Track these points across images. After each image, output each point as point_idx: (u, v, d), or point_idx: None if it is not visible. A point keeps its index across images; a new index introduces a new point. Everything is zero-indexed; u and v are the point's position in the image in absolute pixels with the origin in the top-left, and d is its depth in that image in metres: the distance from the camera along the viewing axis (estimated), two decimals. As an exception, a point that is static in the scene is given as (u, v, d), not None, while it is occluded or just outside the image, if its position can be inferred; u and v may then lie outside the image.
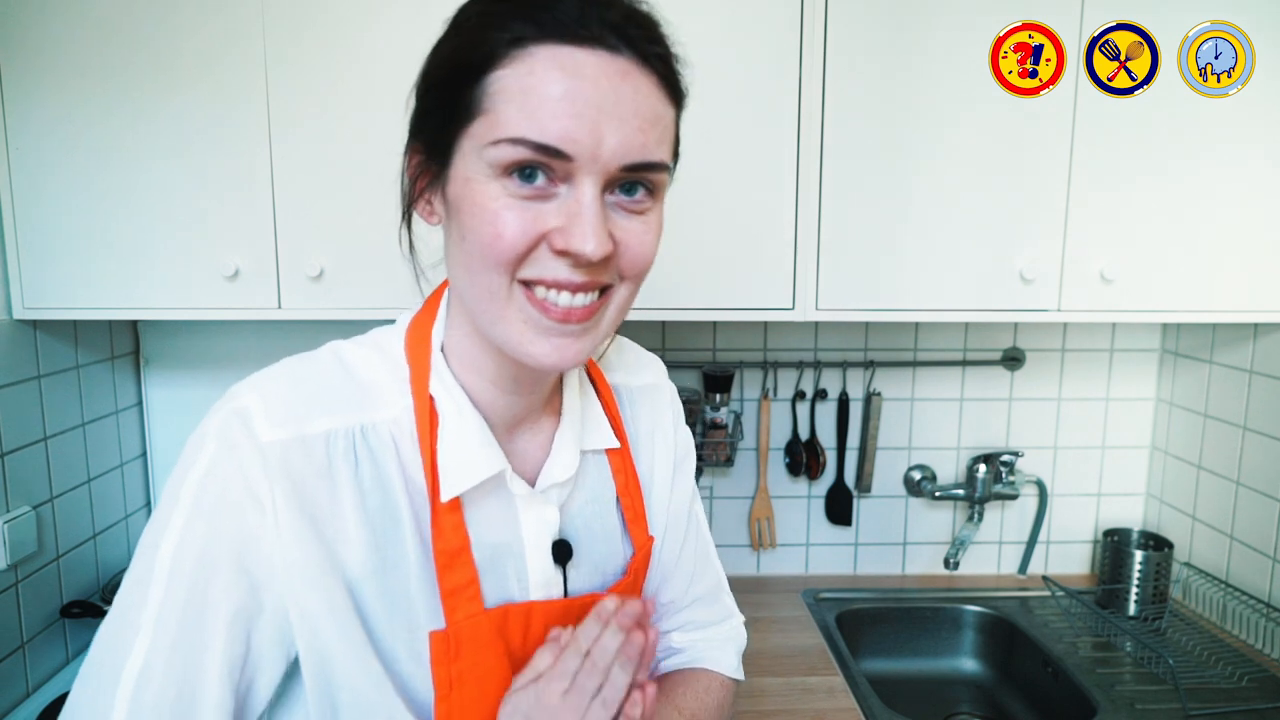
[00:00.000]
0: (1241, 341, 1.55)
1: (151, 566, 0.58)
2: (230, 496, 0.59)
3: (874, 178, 1.32)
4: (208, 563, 0.58)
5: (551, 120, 0.54)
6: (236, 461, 0.59)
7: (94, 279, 1.28)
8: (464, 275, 0.61)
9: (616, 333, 0.75)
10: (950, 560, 1.68)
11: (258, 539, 0.59)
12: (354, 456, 0.62)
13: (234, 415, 0.60)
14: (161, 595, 0.57)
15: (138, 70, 1.23)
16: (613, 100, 0.55)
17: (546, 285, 0.59)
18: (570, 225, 0.56)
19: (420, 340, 0.67)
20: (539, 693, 0.63)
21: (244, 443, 0.59)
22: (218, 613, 0.58)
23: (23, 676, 1.31)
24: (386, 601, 0.63)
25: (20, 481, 1.31)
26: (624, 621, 0.64)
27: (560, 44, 0.55)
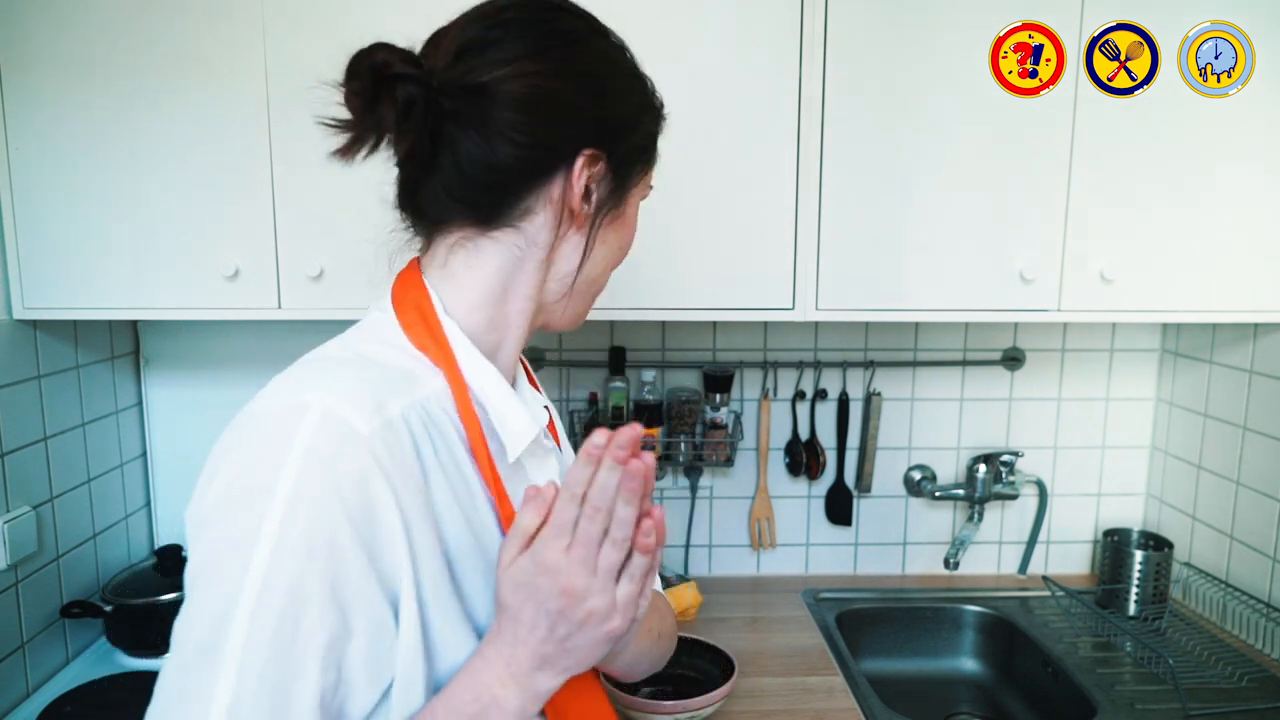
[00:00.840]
0: (1241, 341, 1.55)
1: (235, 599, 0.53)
2: (327, 516, 0.54)
3: (874, 177, 1.32)
4: (301, 595, 0.53)
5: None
6: (334, 473, 0.55)
7: (94, 279, 1.28)
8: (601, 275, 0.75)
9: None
10: (950, 560, 1.68)
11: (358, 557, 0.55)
12: (427, 432, 0.62)
13: (324, 418, 0.56)
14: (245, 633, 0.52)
15: (138, 70, 1.23)
16: None
17: None
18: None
19: (424, 322, 0.68)
20: (536, 556, 0.58)
21: (347, 444, 0.55)
22: (309, 645, 0.54)
23: (23, 676, 1.31)
24: (483, 573, 0.64)
25: (20, 481, 1.31)
26: (619, 455, 0.57)
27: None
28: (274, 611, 0.53)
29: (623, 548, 0.58)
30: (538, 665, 0.59)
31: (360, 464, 0.55)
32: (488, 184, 0.66)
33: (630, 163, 0.72)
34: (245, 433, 0.58)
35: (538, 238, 0.69)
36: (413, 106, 0.61)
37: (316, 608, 0.54)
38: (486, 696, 0.59)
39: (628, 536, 0.58)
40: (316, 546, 0.54)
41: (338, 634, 0.55)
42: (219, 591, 0.53)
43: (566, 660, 0.59)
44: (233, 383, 1.62)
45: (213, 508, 0.56)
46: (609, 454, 0.57)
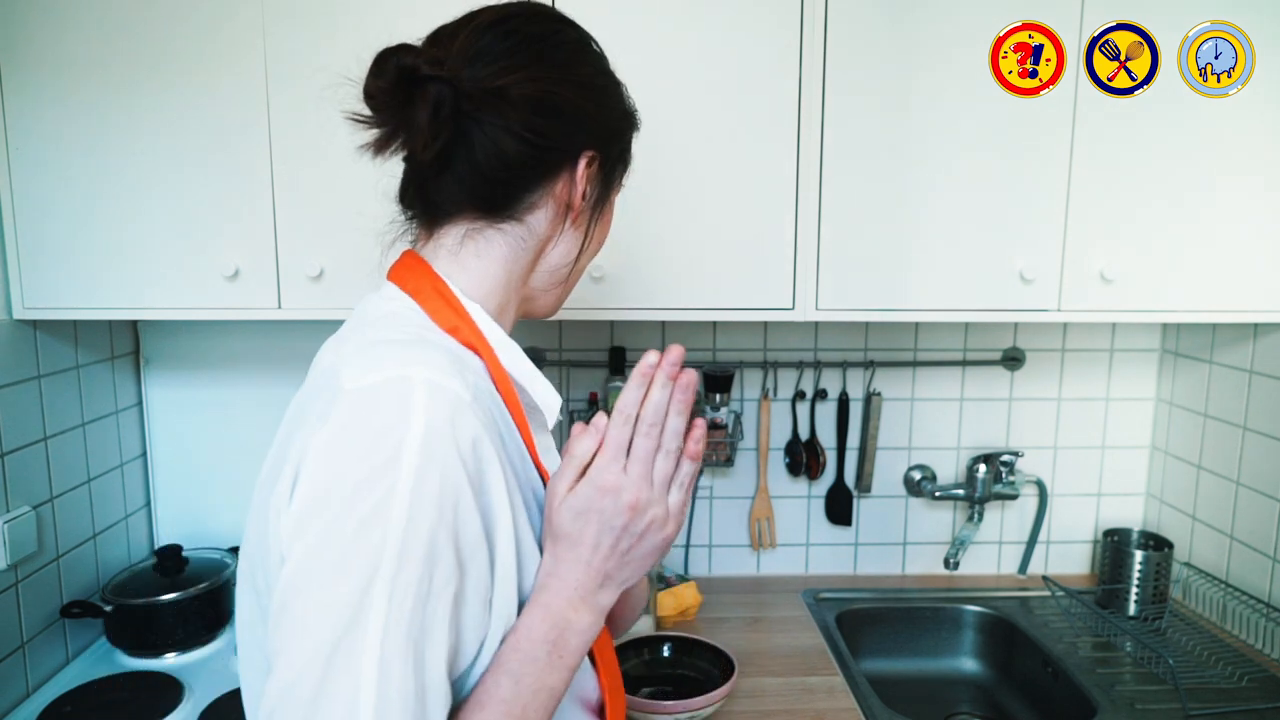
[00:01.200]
0: (1241, 341, 1.55)
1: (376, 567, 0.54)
2: (453, 478, 0.57)
3: (874, 178, 1.32)
4: (434, 554, 0.56)
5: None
6: (453, 439, 0.57)
7: (94, 279, 1.28)
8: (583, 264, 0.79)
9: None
10: (950, 560, 1.68)
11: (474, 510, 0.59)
12: (494, 404, 0.66)
13: (435, 390, 0.58)
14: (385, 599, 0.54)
15: (138, 70, 1.23)
16: None
17: None
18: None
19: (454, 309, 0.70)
20: (595, 481, 0.64)
21: (459, 413, 0.58)
22: (440, 603, 0.56)
23: (23, 676, 1.31)
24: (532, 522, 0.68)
25: (20, 481, 1.31)
26: (672, 371, 0.64)
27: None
28: (414, 574, 0.55)
29: (674, 458, 0.65)
30: (601, 582, 0.65)
31: (472, 428, 0.59)
32: (501, 179, 0.70)
33: (616, 163, 0.78)
34: (352, 412, 0.58)
35: (538, 230, 0.74)
36: (442, 106, 0.65)
37: (446, 566, 0.57)
38: (561, 622, 0.63)
39: (679, 447, 0.65)
40: (445, 508, 0.56)
41: (458, 591, 0.58)
42: (359, 563, 0.54)
43: (625, 572, 0.66)
44: (233, 383, 1.62)
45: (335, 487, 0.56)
46: (662, 371, 0.64)
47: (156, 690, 1.31)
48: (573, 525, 0.64)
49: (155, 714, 1.24)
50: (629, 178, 0.82)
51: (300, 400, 0.67)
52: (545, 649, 0.62)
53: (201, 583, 1.46)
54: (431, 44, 0.71)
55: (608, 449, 0.64)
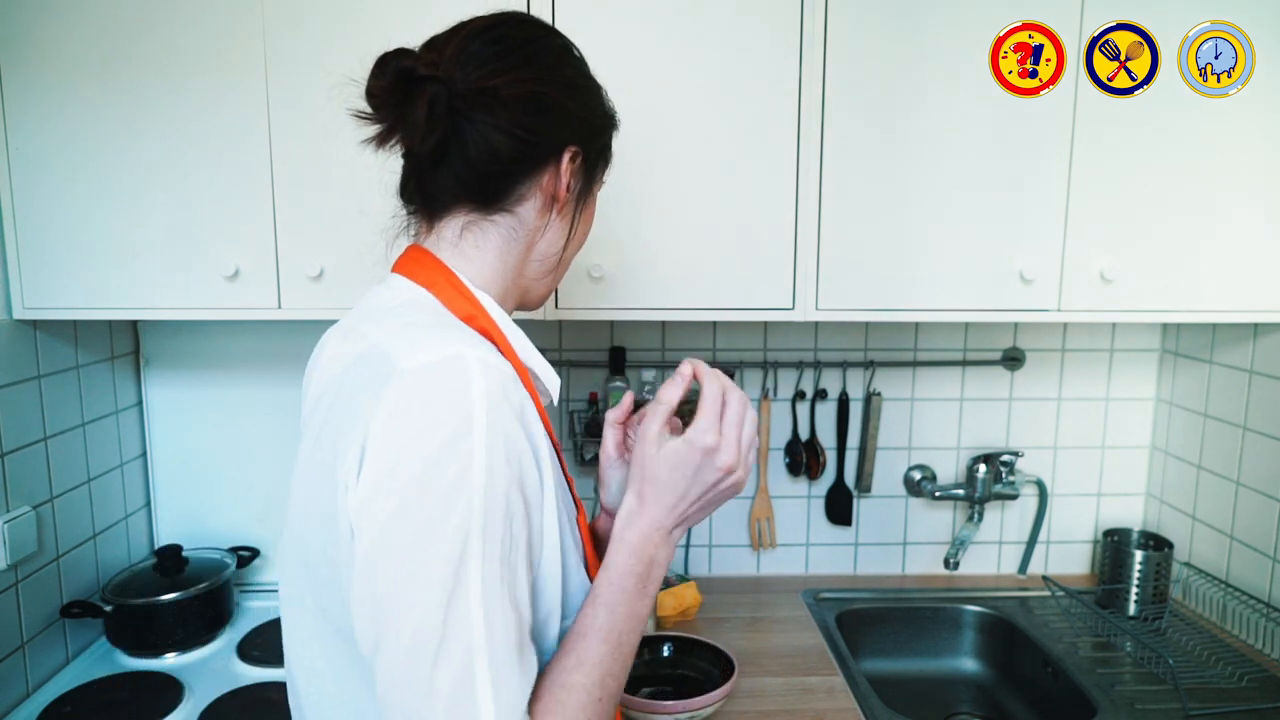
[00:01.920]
0: (1241, 341, 1.55)
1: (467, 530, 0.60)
2: (515, 439, 0.64)
3: (874, 178, 1.32)
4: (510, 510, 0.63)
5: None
6: (505, 412, 0.64)
7: (94, 279, 1.28)
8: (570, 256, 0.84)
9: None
10: (950, 560, 1.68)
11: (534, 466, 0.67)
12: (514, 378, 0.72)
13: (484, 365, 0.64)
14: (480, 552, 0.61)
15: (138, 70, 1.23)
16: None
17: None
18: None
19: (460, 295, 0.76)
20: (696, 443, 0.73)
21: (506, 386, 0.65)
22: (520, 551, 0.65)
23: (23, 676, 1.31)
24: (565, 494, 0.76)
25: (20, 481, 1.31)
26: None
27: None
28: (498, 528, 0.62)
29: (754, 426, 0.76)
30: (680, 524, 0.75)
31: (519, 397, 0.67)
32: (493, 173, 0.76)
33: (598, 159, 0.83)
34: (414, 388, 0.63)
35: (528, 221, 0.79)
36: (437, 104, 0.71)
37: (519, 517, 0.64)
38: (647, 557, 0.73)
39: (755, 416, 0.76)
40: (513, 466, 0.64)
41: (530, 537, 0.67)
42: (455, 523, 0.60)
43: (698, 517, 0.76)
44: (233, 383, 1.62)
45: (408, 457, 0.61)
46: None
47: (156, 690, 1.31)
48: (670, 475, 0.73)
49: (155, 714, 1.24)
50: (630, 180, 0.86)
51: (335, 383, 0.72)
52: (635, 581, 0.72)
53: (201, 583, 1.46)
54: (427, 49, 0.76)
55: (708, 411, 0.74)
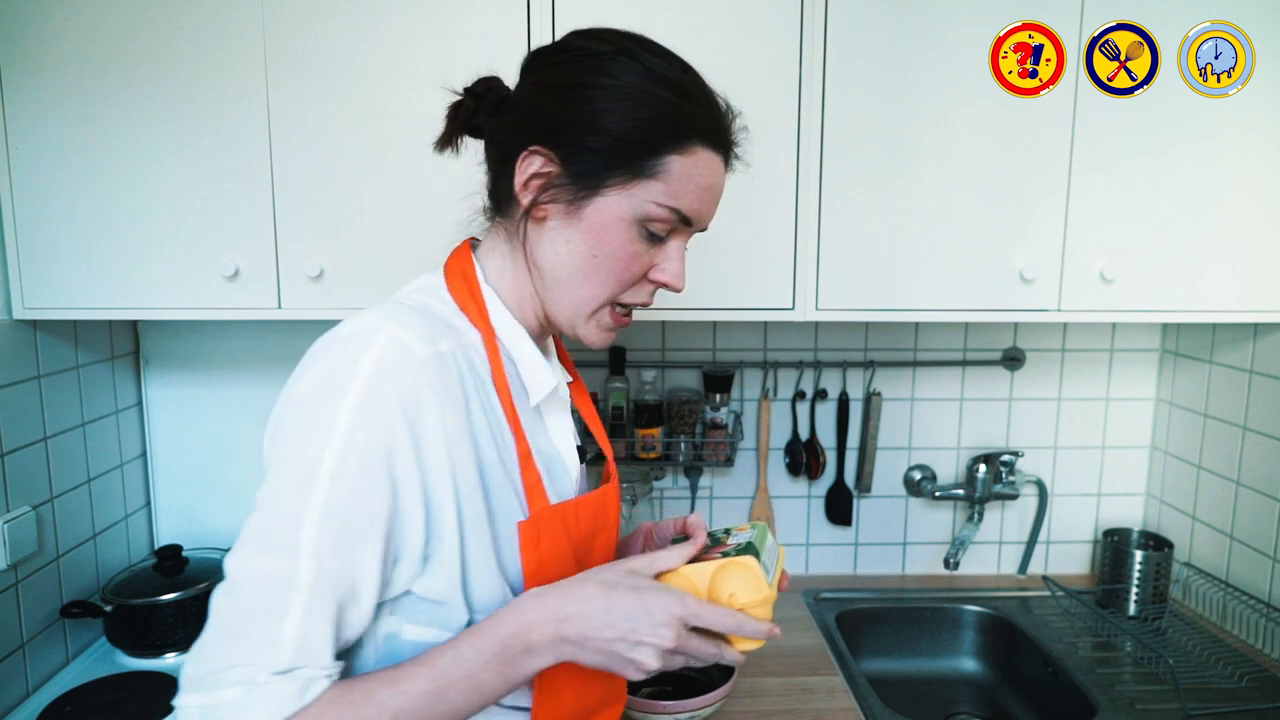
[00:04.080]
0: (1241, 341, 1.55)
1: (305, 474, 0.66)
2: (388, 411, 0.67)
3: (874, 178, 1.32)
4: (367, 469, 0.66)
5: (695, 203, 0.78)
6: (394, 379, 0.68)
7: (94, 279, 1.28)
8: (575, 275, 0.78)
9: None
10: (950, 560, 1.68)
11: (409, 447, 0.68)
12: (470, 368, 0.76)
13: (390, 341, 0.69)
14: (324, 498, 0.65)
15: (138, 70, 1.23)
16: (719, 191, 0.81)
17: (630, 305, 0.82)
18: (670, 268, 0.80)
19: (469, 290, 0.81)
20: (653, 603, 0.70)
21: (405, 360, 0.69)
22: (376, 513, 0.67)
23: (23, 676, 1.31)
24: (503, 492, 0.76)
25: (20, 481, 1.31)
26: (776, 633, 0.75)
27: (714, 152, 0.78)
28: (348, 480, 0.66)
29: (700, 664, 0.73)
30: (576, 644, 0.69)
31: (415, 378, 0.69)
32: (491, 175, 0.82)
33: (587, 163, 0.75)
34: (325, 351, 0.70)
35: (519, 227, 0.80)
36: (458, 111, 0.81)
37: (381, 482, 0.67)
38: (526, 641, 0.69)
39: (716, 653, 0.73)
40: (379, 433, 0.67)
41: (394, 509, 0.68)
42: (299, 466, 0.66)
43: (591, 658, 0.70)
44: (233, 383, 1.62)
45: (295, 405, 0.69)
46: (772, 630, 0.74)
47: (156, 690, 1.31)
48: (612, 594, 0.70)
49: (155, 714, 1.24)
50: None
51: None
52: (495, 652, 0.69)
53: (201, 583, 1.46)
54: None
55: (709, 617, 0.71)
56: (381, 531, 0.67)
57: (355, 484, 0.66)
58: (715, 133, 0.78)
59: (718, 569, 0.75)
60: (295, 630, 0.64)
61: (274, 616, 0.64)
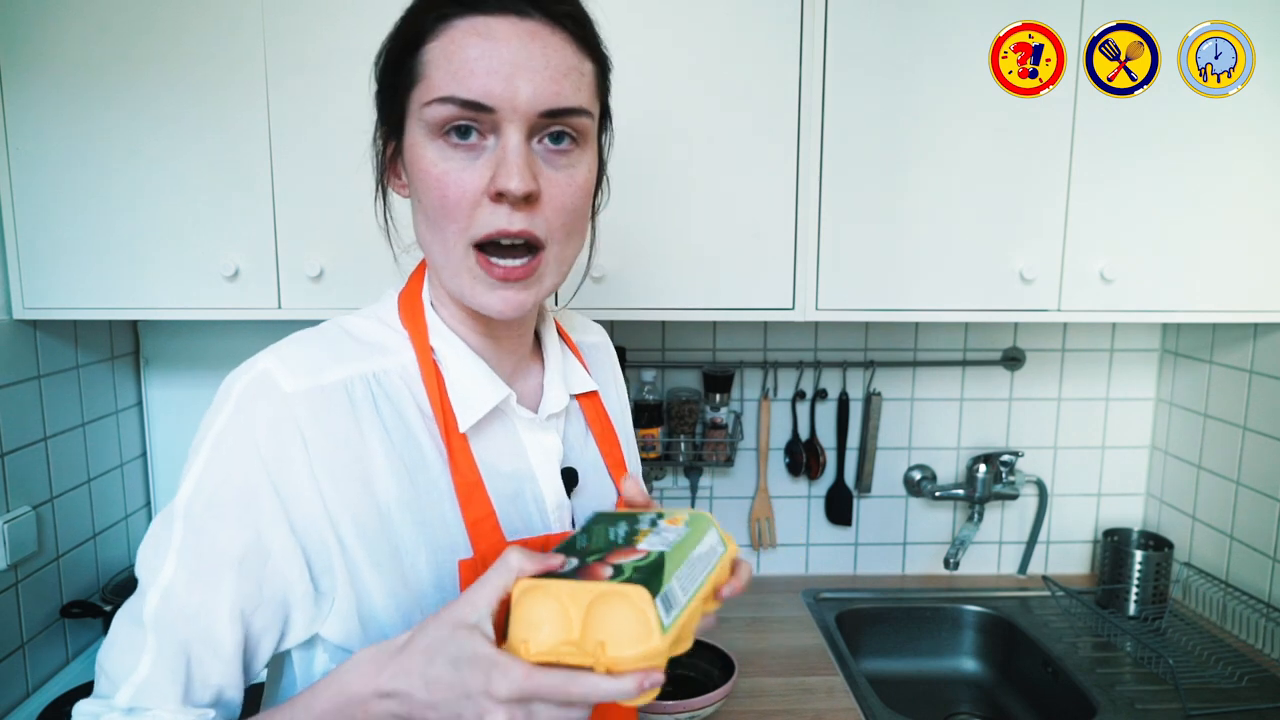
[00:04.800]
0: (1241, 341, 1.55)
1: (172, 510, 0.64)
2: (242, 451, 0.63)
3: (874, 177, 1.32)
4: (216, 510, 0.63)
5: (471, 78, 0.62)
6: (251, 417, 0.64)
7: (94, 279, 1.28)
8: (426, 234, 0.68)
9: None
10: (950, 560, 1.68)
11: (267, 488, 0.63)
12: (373, 399, 0.68)
13: (257, 376, 0.66)
14: (180, 535, 0.64)
15: (138, 70, 1.23)
16: (524, 56, 0.63)
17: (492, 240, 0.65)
18: (499, 169, 0.63)
19: (413, 304, 0.74)
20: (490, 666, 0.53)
21: (266, 397, 0.64)
22: (225, 554, 0.63)
23: (23, 676, 1.31)
24: (419, 528, 0.68)
25: (20, 481, 1.31)
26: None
27: (476, 15, 0.63)
28: (198, 519, 0.63)
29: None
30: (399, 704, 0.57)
31: (274, 414, 0.64)
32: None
33: (382, 106, 0.70)
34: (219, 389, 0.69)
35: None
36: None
37: (231, 523, 0.63)
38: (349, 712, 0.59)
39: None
40: (232, 473, 0.63)
41: (251, 552, 0.63)
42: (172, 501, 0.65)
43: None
44: (233, 383, 1.62)
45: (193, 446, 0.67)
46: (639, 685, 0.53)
47: (156, 690, 1.31)
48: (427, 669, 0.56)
49: (155, 714, 1.24)
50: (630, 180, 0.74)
51: None
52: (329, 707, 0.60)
53: (201, 583, 1.46)
54: None
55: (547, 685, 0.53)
56: (234, 575, 0.63)
57: (205, 524, 0.63)
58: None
59: (596, 598, 0.53)
60: (145, 669, 0.63)
61: (125, 651, 0.64)
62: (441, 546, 0.68)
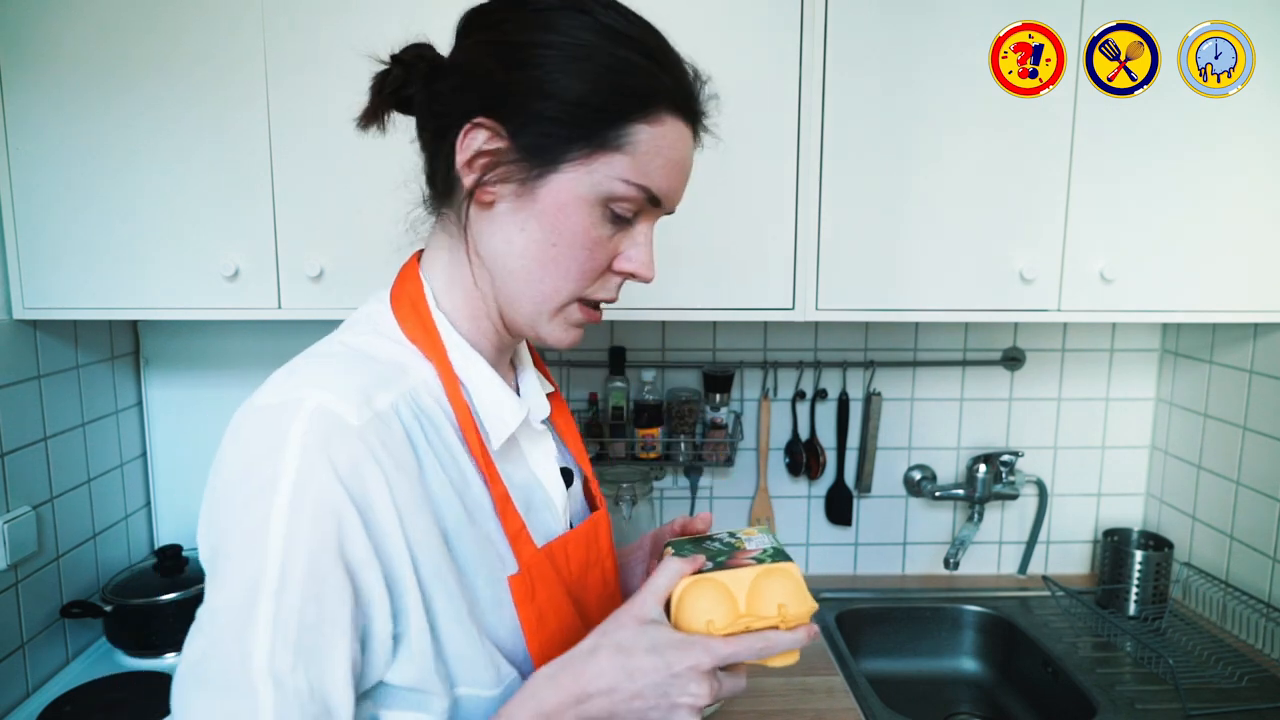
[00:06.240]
0: (1241, 341, 1.55)
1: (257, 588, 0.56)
2: (329, 498, 0.58)
3: (874, 177, 1.32)
4: (319, 573, 0.57)
5: (665, 180, 0.68)
6: (329, 461, 0.58)
7: (94, 279, 1.28)
8: (532, 268, 0.68)
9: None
10: (950, 560, 1.68)
11: (359, 530, 0.59)
12: (417, 421, 0.65)
13: (316, 412, 0.59)
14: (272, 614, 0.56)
15: (138, 70, 1.23)
16: (689, 168, 0.71)
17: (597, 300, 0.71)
18: (638, 255, 0.70)
19: (418, 317, 0.71)
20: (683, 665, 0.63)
21: (338, 436, 0.59)
22: (337, 619, 0.58)
23: (23, 676, 1.31)
24: (476, 548, 0.67)
25: (20, 481, 1.31)
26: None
27: (680, 119, 0.68)
28: (298, 587, 0.56)
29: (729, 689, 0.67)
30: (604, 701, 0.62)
31: (352, 452, 0.59)
32: (428, 156, 0.71)
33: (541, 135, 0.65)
34: (245, 429, 0.61)
35: (459, 213, 0.70)
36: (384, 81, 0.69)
37: (337, 578, 0.57)
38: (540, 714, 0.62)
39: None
40: (323, 524, 0.57)
41: (356, 602, 0.59)
42: (240, 582, 0.56)
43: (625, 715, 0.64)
44: (233, 383, 1.62)
45: (224, 502, 0.59)
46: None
47: (156, 690, 1.31)
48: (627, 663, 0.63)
49: (155, 714, 1.24)
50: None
51: None
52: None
53: (201, 583, 1.45)
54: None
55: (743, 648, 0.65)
56: (347, 632, 0.58)
57: (307, 589, 0.56)
58: (685, 99, 0.68)
59: (758, 576, 0.69)
60: None
61: None
62: (493, 565, 0.68)
